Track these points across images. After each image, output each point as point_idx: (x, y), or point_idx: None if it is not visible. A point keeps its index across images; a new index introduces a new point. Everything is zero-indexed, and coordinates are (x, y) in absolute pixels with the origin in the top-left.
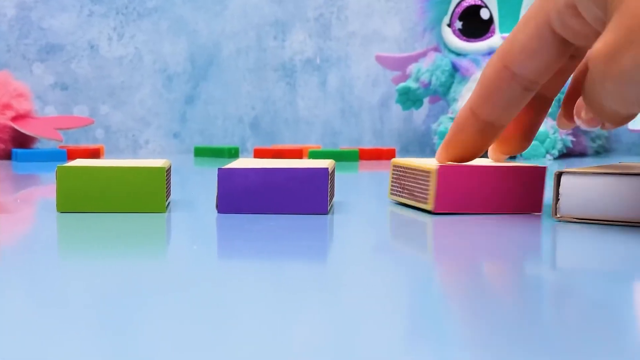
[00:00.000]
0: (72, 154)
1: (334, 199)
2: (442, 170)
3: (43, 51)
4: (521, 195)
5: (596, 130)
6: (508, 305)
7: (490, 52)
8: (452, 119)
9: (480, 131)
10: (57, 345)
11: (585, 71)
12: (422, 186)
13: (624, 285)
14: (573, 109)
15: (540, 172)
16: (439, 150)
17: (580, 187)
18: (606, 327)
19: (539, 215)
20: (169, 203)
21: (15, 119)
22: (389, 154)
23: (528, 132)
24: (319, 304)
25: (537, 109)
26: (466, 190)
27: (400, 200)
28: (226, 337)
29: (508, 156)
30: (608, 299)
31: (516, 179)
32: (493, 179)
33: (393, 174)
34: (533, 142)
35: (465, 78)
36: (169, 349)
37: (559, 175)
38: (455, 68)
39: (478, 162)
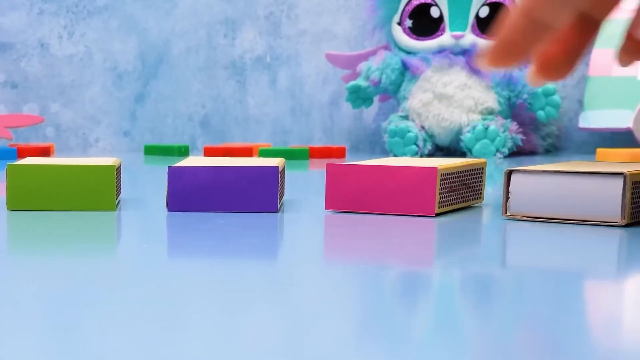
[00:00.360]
0: (22, 152)
1: (284, 197)
2: (331, 169)
3: None
4: (412, 196)
5: (546, 129)
6: (455, 303)
7: (440, 50)
8: (402, 117)
9: (531, 29)
10: (4, 342)
11: None
12: None
13: (571, 283)
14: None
15: (432, 173)
16: (483, 54)
17: (530, 186)
18: (551, 324)
19: (488, 213)
20: (119, 201)
21: None
22: (339, 152)
23: (573, 54)
24: (268, 302)
25: (584, 31)
26: (355, 189)
27: None
28: (176, 335)
29: (550, 81)
30: (554, 296)
31: (406, 179)
32: (382, 179)
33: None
34: (483, 141)
35: (415, 76)
36: (118, 346)
37: (509, 174)
38: (405, 66)
39: (369, 162)
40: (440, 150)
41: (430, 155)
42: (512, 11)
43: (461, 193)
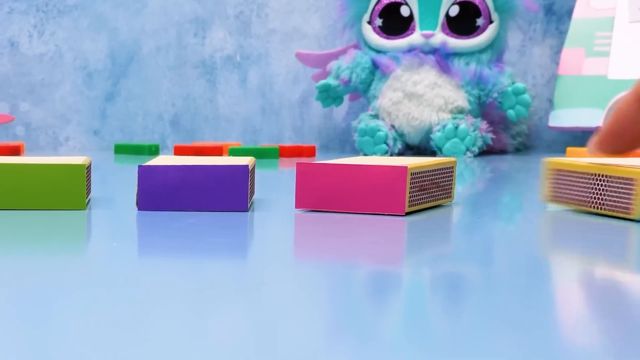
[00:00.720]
0: None
1: (254, 196)
2: (301, 168)
3: None
4: (382, 195)
5: (516, 128)
6: (426, 301)
7: (410, 49)
8: (372, 116)
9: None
10: None
11: None
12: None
13: (541, 279)
14: None
15: (402, 172)
16: (592, 143)
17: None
18: (523, 321)
19: (458, 212)
20: (89, 200)
21: None
22: (309, 151)
23: None
24: (238, 300)
25: None
26: (325, 188)
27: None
28: (145, 334)
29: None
30: (525, 293)
31: (376, 178)
32: (352, 178)
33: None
34: (453, 140)
35: (385, 75)
36: (87, 345)
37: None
38: (375, 65)
39: (339, 161)
40: (411, 149)
41: (400, 154)
42: (625, 98)
43: (431, 192)
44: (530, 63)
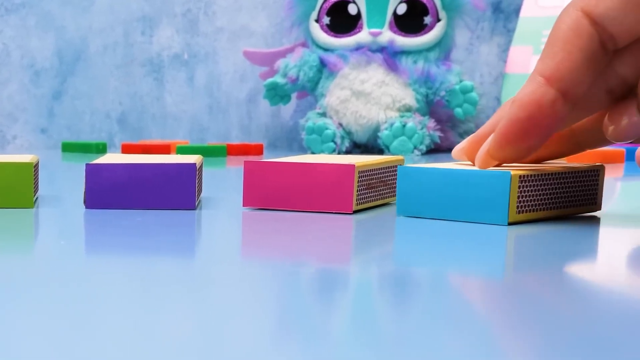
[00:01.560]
0: None
1: (202, 194)
2: (248, 166)
3: None
4: (330, 193)
5: (464, 126)
6: (373, 300)
7: (358, 48)
8: (320, 114)
9: (552, 104)
10: None
11: None
12: None
13: (487, 279)
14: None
15: (349, 170)
16: (487, 151)
17: None
18: (469, 321)
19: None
20: (36, 198)
21: None
22: (256, 150)
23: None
24: (185, 300)
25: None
26: (273, 186)
27: None
28: (92, 333)
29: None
30: (470, 293)
31: (324, 176)
32: (300, 176)
33: None
34: (400, 138)
35: (333, 73)
36: (34, 344)
37: None
38: (323, 64)
39: (287, 159)
40: (358, 148)
41: (348, 152)
42: (525, 85)
43: (379, 190)
44: (478, 61)
